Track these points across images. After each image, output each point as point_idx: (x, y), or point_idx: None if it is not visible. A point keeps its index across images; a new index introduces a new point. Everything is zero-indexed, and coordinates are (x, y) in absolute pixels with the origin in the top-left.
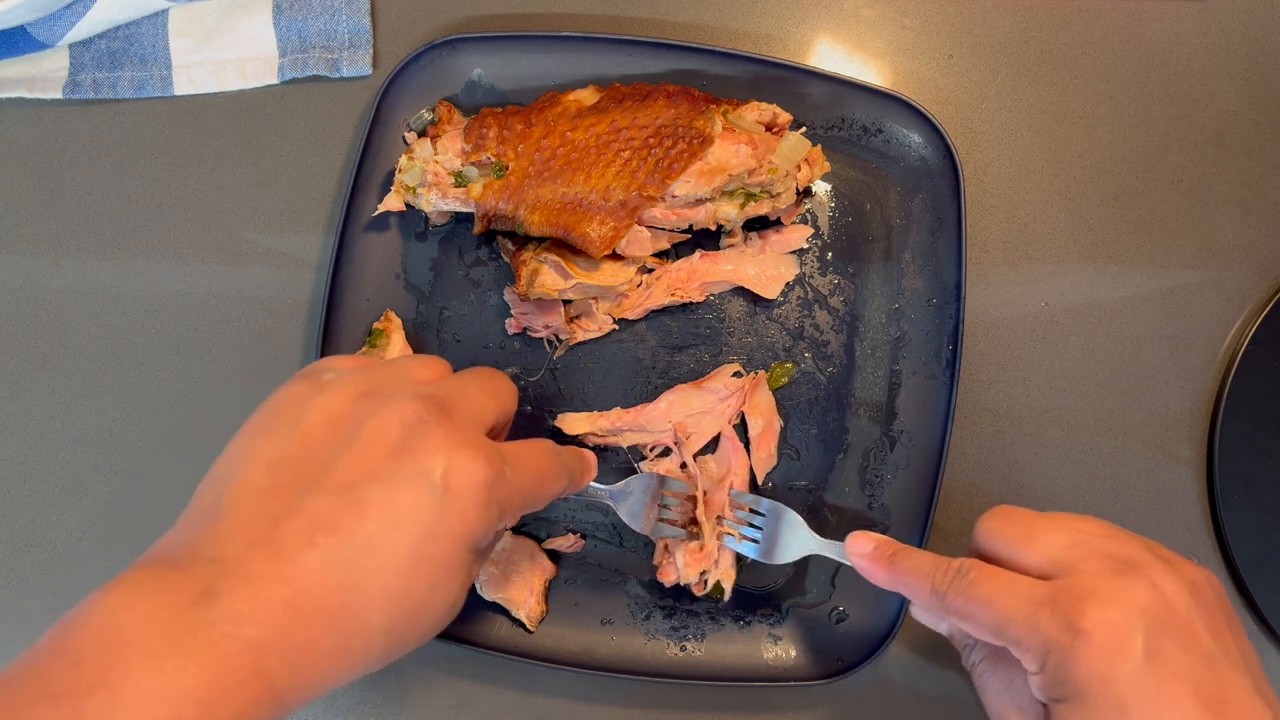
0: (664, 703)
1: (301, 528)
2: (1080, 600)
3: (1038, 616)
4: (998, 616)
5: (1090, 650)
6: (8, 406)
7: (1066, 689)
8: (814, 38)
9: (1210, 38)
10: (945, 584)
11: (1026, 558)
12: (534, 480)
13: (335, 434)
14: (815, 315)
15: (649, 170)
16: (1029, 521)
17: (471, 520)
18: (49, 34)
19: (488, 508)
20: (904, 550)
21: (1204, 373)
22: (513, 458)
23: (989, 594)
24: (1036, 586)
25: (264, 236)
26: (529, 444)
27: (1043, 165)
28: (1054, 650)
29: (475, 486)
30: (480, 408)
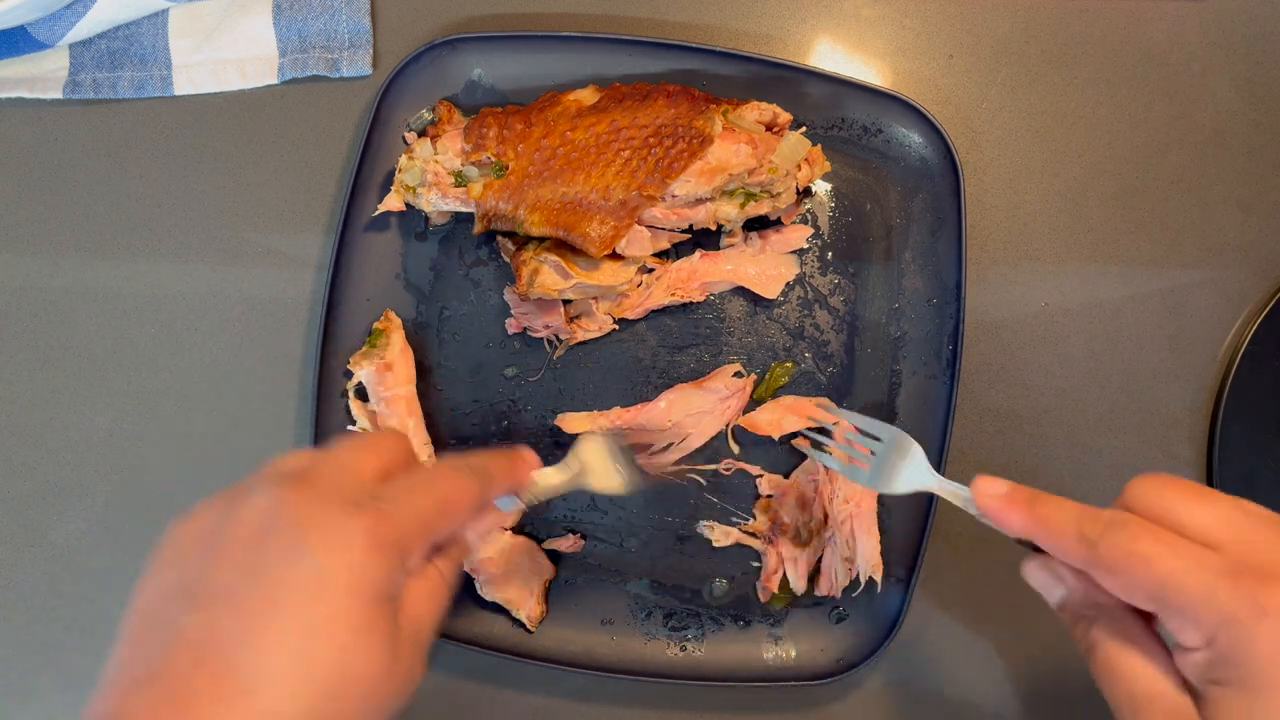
0: (664, 703)
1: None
2: (1266, 577)
3: (1216, 586)
4: (1163, 578)
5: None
6: (8, 406)
7: (1237, 671)
8: (814, 38)
9: (1210, 38)
10: (1096, 532)
11: (1190, 519)
12: (429, 503)
13: (201, 548)
14: (815, 315)
15: (649, 170)
16: (1194, 487)
17: (359, 571)
18: (49, 34)
19: (373, 551)
20: (1043, 495)
21: (1204, 373)
22: (395, 491)
23: (1153, 550)
24: (1213, 556)
25: (264, 236)
26: (419, 470)
27: (1043, 165)
28: (1230, 626)
29: (349, 538)
30: (349, 463)
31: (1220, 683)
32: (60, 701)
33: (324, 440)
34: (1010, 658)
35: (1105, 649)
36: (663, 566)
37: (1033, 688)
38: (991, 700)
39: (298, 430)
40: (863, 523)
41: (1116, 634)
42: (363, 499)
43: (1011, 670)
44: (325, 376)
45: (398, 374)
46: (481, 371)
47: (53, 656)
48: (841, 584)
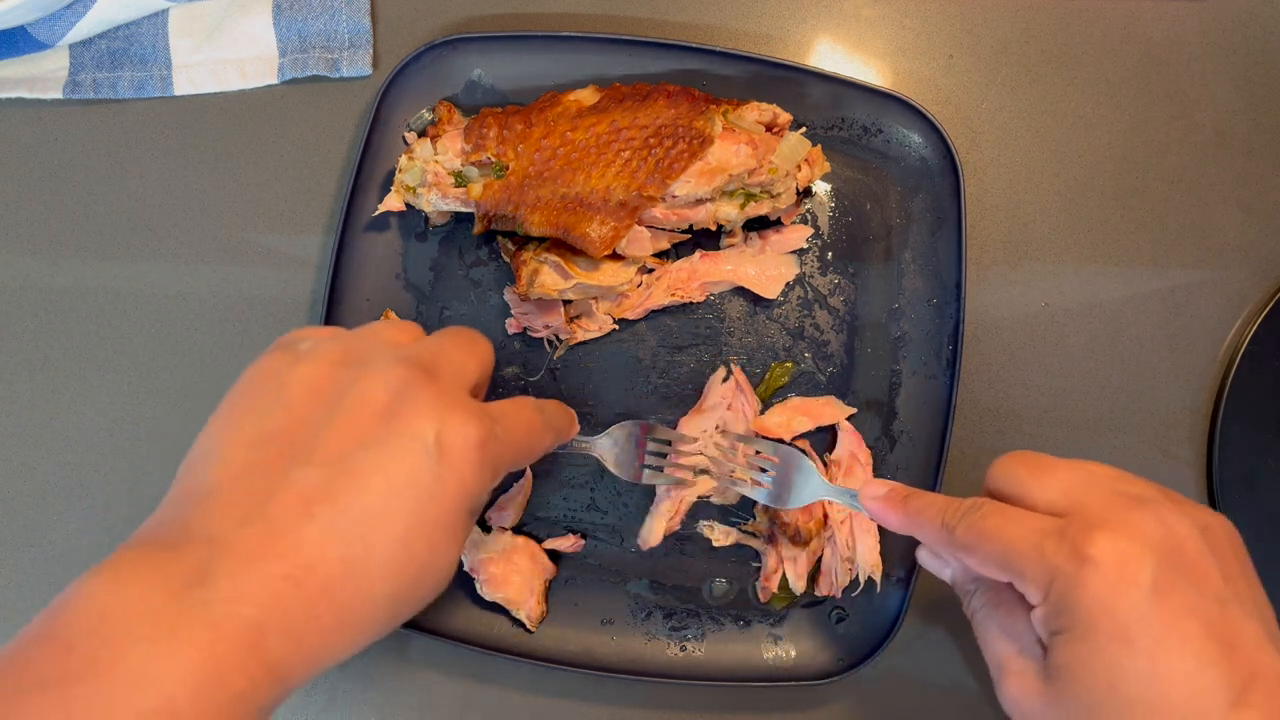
0: (664, 703)
1: (295, 501)
2: (1089, 529)
3: (1044, 546)
4: (1004, 547)
5: (1096, 578)
6: (8, 406)
7: (1069, 618)
8: (814, 38)
9: (1210, 38)
10: (955, 519)
11: (1037, 494)
12: (523, 436)
13: (319, 403)
14: (815, 315)
15: (649, 170)
16: (1041, 461)
17: (468, 481)
18: (49, 34)
19: (483, 467)
20: (917, 492)
21: (1204, 373)
22: (501, 416)
23: (997, 525)
24: (1045, 520)
25: (264, 236)
26: (513, 402)
27: (1043, 165)
28: (1059, 578)
29: (469, 447)
30: (462, 367)
31: (1060, 631)
32: None
33: None
34: None
35: (978, 619)
36: (663, 566)
37: None
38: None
39: None
40: (861, 522)
41: (987, 602)
42: (482, 412)
43: None
44: None
45: None
46: None
47: None
48: (841, 584)
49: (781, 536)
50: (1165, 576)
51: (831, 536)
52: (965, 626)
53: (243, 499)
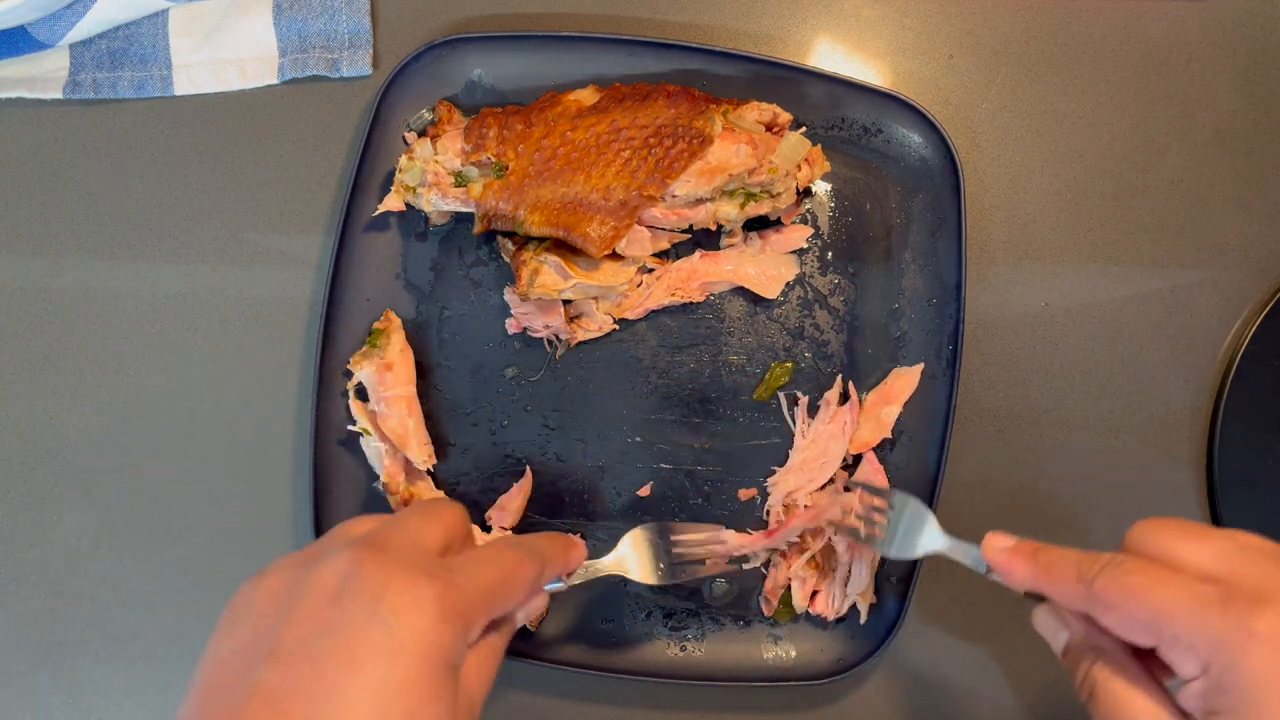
0: (664, 703)
1: (263, 704)
2: (1256, 602)
3: (1206, 613)
4: (1156, 608)
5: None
6: (8, 406)
7: (1232, 698)
8: (814, 38)
9: (1210, 38)
10: (1094, 572)
11: (1189, 556)
12: (494, 577)
13: (277, 605)
14: (815, 315)
15: (649, 170)
16: (1191, 525)
17: (431, 637)
18: (49, 34)
19: (445, 620)
20: (1046, 546)
21: (1204, 373)
22: (463, 563)
23: (1146, 585)
24: (1203, 584)
25: (264, 236)
26: (485, 545)
27: (1043, 165)
28: (1223, 651)
29: (423, 605)
30: (416, 535)
31: (1217, 711)
32: (60, 701)
33: (324, 441)
34: (1009, 658)
35: (1105, 689)
36: None
37: (1031, 688)
38: (990, 700)
39: (298, 430)
40: (864, 552)
41: (1115, 674)
42: (435, 568)
43: (1010, 670)
44: (325, 376)
45: (398, 374)
46: (481, 371)
47: (53, 656)
48: (838, 610)
49: (798, 555)
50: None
51: (835, 562)
52: (964, 627)
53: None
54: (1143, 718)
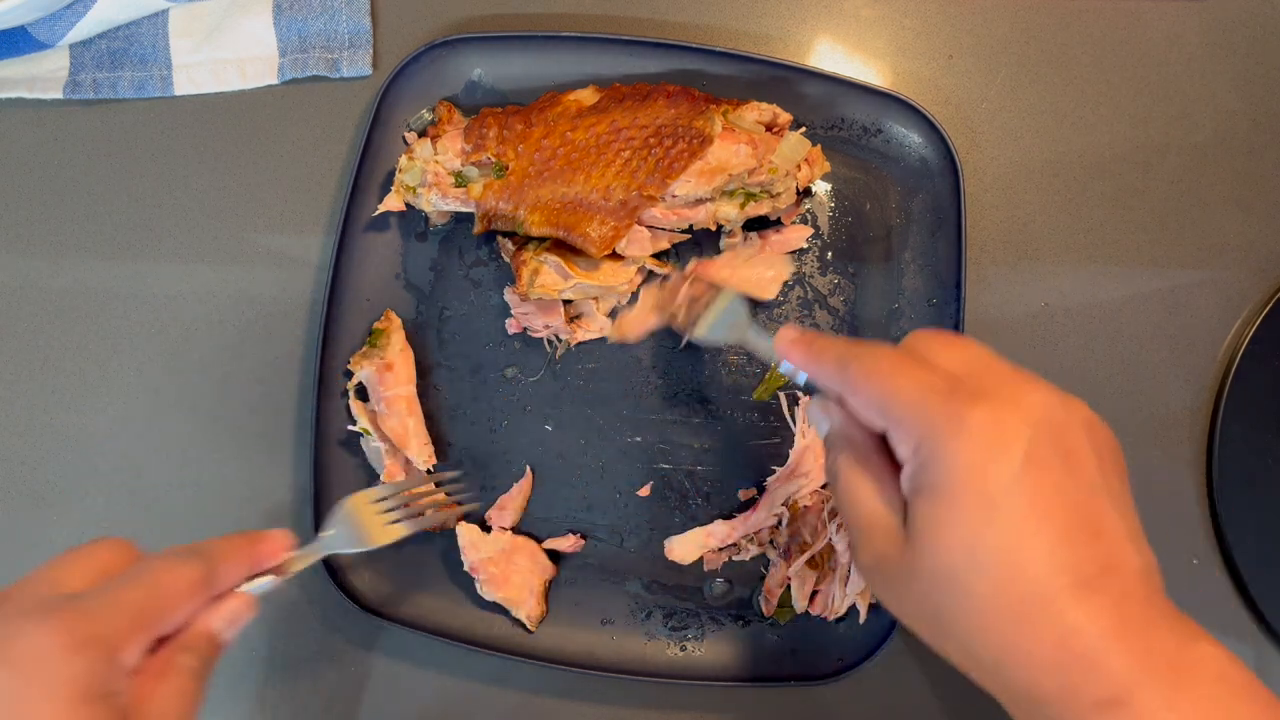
0: (664, 703)
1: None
2: (975, 396)
3: (928, 400)
4: (888, 390)
5: (969, 441)
6: (8, 406)
7: (935, 477)
8: (814, 38)
9: (1210, 38)
10: (852, 355)
11: (941, 358)
12: (139, 594)
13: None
14: (815, 315)
15: (649, 170)
16: (956, 336)
17: (55, 673)
18: (49, 34)
19: (70, 650)
20: (823, 334)
21: (1204, 373)
22: (100, 590)
23: (890, 369)
24: (940, 378)
25: (264, 236)
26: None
27: (1043, 165)
28: (933, 435)
29: (36, 643)
30: (52, 577)
31: (919, 491)
32: None
33: (324, 441)
34: None
35: (844, 475)
36: (663, 566)
37: None
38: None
39: (298, 430)
40: None
41: (855, 463)
42: (54, 604)
43: None
44: (325, 376)
45: (398, 374)
46: (481, 371)
47: None
48: (837, 610)
49: (798, 554)
50: (1040, 452)
51: (835, 562)
52: None
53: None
54: (865, 498)
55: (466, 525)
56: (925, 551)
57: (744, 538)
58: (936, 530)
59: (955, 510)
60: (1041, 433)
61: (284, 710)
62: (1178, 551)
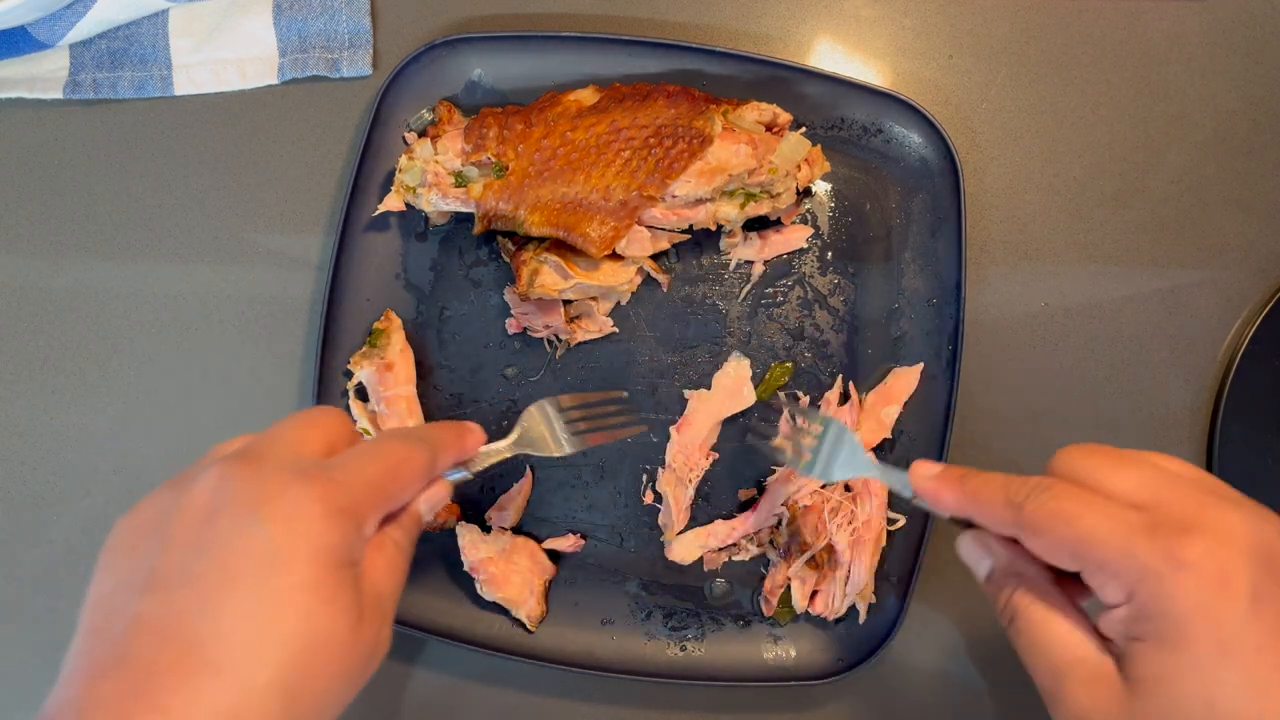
0: (664, 703)
1: (145, 632)
2: (1184, 530)
3: (1134, 540)
4: (1083, 533)
5: (1194, 583)
6: (8, 406)
7: (1157, 625)
8: (814, 38)
9: (1210, 38)
10: (1023, 495)
11: (1116, 483)
12: (380, 469)
13: (150, 535)
14: (815, 315)
15: (649, 170)
16: (1118, 451)
17: (315, 538)
18: (49, 34)
19: (329, 518)
20: (974, 471)
21: (1204, 373)
22: (344, 460)
23: (1074, 511)
24: (1130, 511)
25: (264, 236)
26: (369, 440)
27: (1043, 165)
28: (1149, 579)
29: (300, 506)
30: (291, 441)
31: (1140, 638)
32: None
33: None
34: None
35: (1027, 616)
36: (663, 566)
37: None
38: (990, 700)
39: None
40: (863, 552)
41: (1037, 600)
42: (311, 469)
43: (1010, 670)
44: (325, 376)
45: (398, 374)
46: (481, 371)
47: (53, 656)
48: (838, 610)
49: (798, 555)
50: (1264, 586)
51: (835, 562)
52: (965, 627)
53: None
54: (1063, 641)
55: (466, 525)
56: (1156, 703)
57: (744, 537)
58: (1168, 678)
59: (1189, 659)
60: (1259, 561)
61: None
62: None
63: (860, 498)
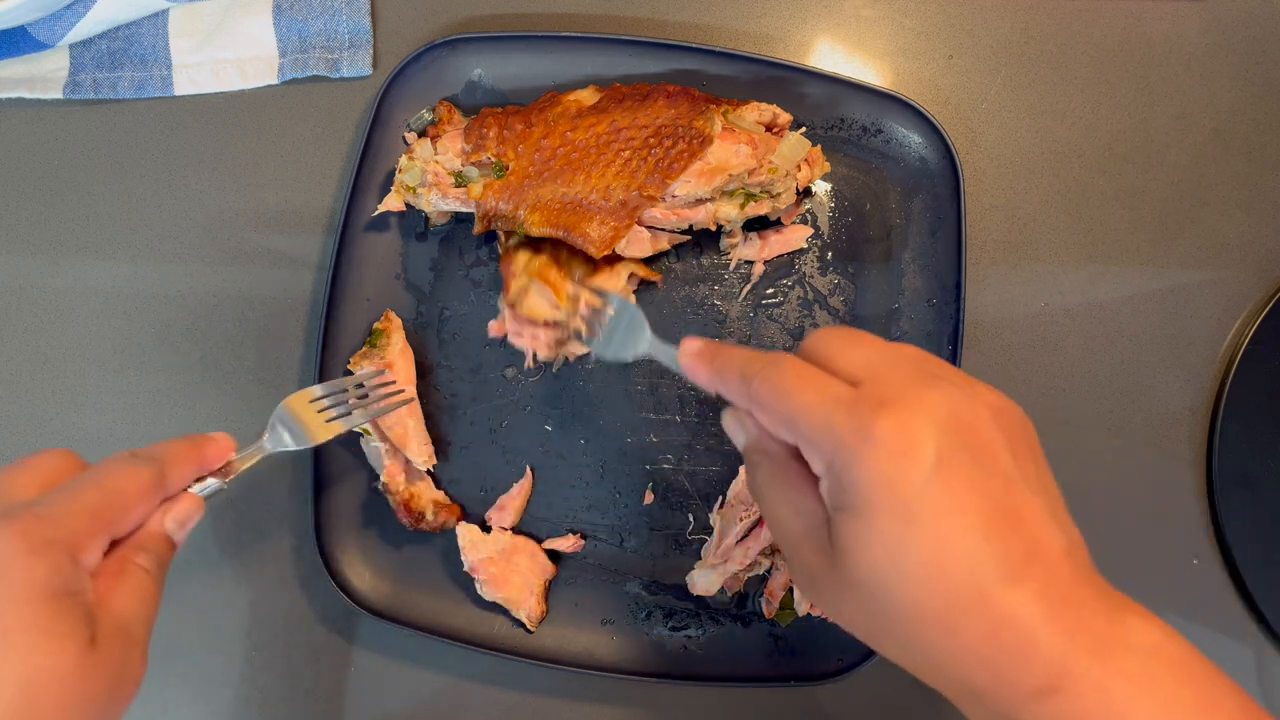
0: (664, 703)
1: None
2: (879, 404)
3: (833, 415)
4: (794, 408)
5: (878, 454)
6: (8, 406)
7: (849, 496)
8: (814, 38)
9: (1210, 38)
10: (754, 370)
11: (842, 361)
12: (93, 495)
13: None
14: (815, 315)
15: (649, 170)
16: (856, 334)
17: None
18: (49, 34)
19: (32, 553)
20: (727, 346)
21: (1204, 373)
22: (54, 494)
23: (793, 385)
24: (840, 387)
25: (264, 236)
26: (86, 469)
27: (1043, 165)
28: (842, 451)
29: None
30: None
31: (839, 509)
32: None
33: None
34: None
35: (768, 491)
36: (663, 566)
37: None
38: None
39: None
40: None
41: (777, 476)
42: (15, 509)
43: None
44: (325, 376)
45: (398, 374)
46: (481, 371)
47: None
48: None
49: None
50: (950, 454)
51: None
52: None
53: None
54: (795, 513)
55: (466, 525)
56: (851, 567)
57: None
58: (859, 546)
59: (874, 524)
60: (948, 432)
61: (283, 710)
62: (1178, 551)
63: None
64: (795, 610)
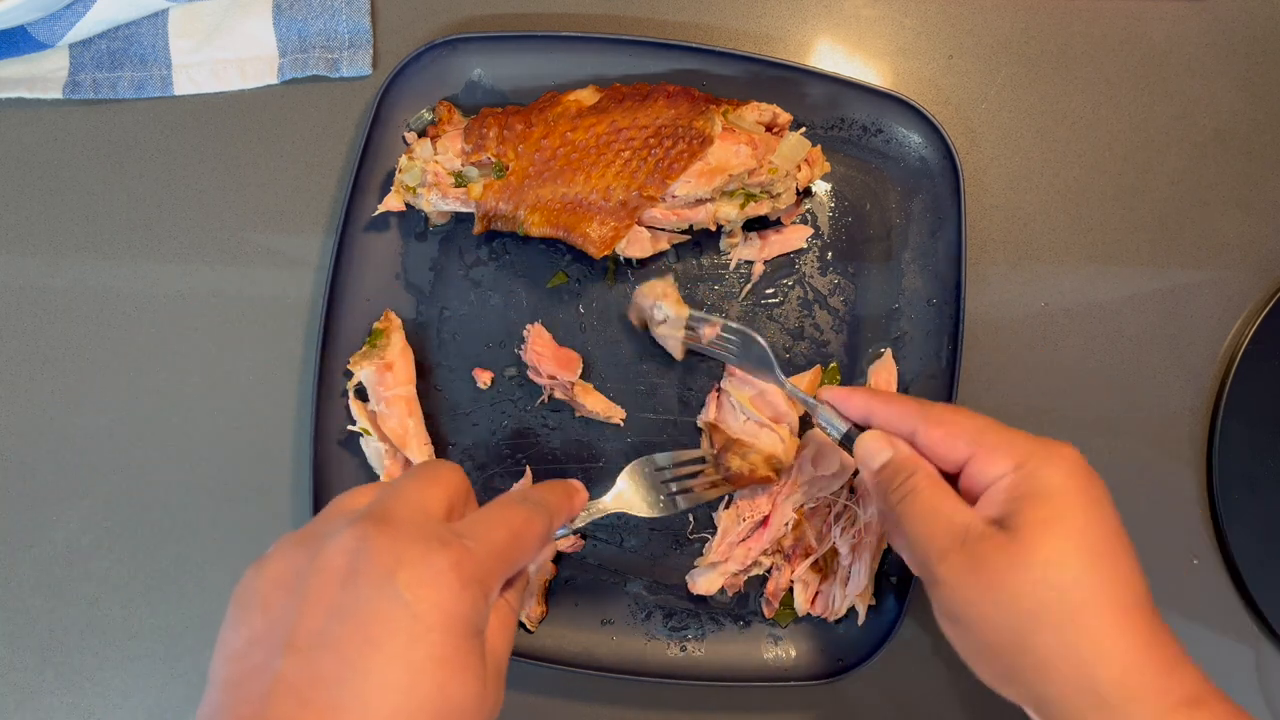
0: (664, 703)
1: (286, 694)
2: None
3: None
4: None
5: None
6: (8, 406)
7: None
8: (814, 38)
9: (1210, 38)
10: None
11: None
12: (504, 538)
13: (287, 593)
14: (815, 315)
15: (649, 170)
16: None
17: (450, 607)
18: (49, 34)
19: (464, 588)
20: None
21: (1204, 373)
22: (471, 527)
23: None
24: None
25: (264, 236)
26: (491, 505)
27: (1043, 165)
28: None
29: (439, 575)
30: (419, 503)
31: (1027, 496)
32: (60, 702)
33: (324, 441)
34: None
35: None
36: (662, 566)
37: None
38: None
39: (297, 430)
40: (864, 554)
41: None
42: (446, 535)
43: None
44: (325, 376)
45: (398, 374)
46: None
47: (53, 656)
48: (838, 611)
49: (802, 558)
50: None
51: (837, 565)
52: None
53: (244, 711)
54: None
55: None
56: (1037, 544)
57: (762, 554)
58: (1049, 525)
59: (1068, 508)
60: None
61: None
62: (1178, 551)
63: (863, 500)
64: (795, 610)
